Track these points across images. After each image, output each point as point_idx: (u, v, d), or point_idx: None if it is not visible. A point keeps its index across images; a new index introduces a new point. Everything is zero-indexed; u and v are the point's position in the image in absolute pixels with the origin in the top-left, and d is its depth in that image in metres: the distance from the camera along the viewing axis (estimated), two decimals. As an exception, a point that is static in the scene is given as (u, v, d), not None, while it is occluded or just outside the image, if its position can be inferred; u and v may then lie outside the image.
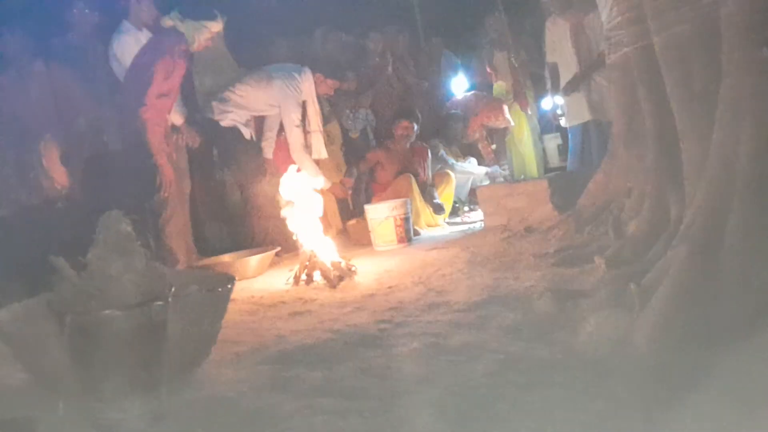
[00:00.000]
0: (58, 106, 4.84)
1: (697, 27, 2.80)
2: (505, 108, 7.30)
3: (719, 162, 2.58)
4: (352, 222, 6.03)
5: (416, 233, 5.85)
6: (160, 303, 2.31)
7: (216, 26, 4.87)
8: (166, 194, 4.80)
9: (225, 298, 2.91)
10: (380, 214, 5.51)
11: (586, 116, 5.86)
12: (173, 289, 2.42)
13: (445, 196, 6.63)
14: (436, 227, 6.26)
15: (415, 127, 6.47)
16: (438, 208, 6.43)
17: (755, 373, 2.03)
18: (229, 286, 2.92)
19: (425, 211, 6.29)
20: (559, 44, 6.01)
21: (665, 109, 3.11)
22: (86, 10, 5.29)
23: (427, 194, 6.39)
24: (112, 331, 2.25)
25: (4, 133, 4.63)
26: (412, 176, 6.29)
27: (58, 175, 4.56)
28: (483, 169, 7.19)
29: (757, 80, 2.50)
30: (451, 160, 7.00)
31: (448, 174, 6.71)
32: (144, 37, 5.03)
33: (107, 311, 2.25)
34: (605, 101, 5.47)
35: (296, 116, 5.41)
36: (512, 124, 7.39)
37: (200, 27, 4.79)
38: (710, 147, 2.66)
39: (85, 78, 5.00)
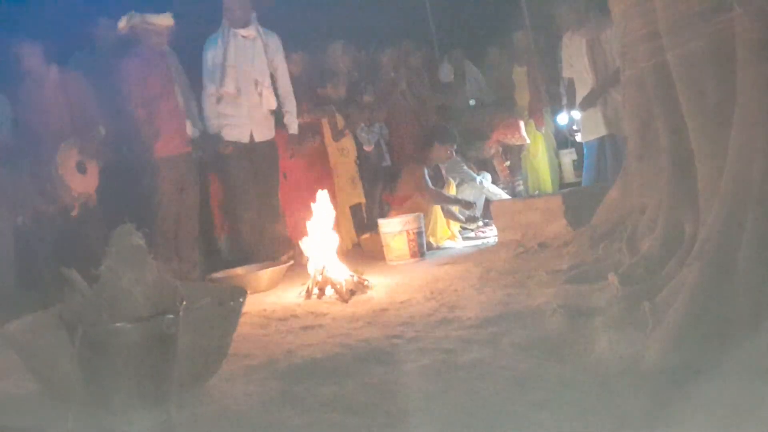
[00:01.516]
0: (74, 116, 4.90)
1: (712, 43, 2.79)
2: (522, 125, 7.30)
3: (733, 179, 2.56)
4: (366, 236, 6.04)
5: (435, 247, 5.85)
6: (171, 316, 2.31)
7: (162, 20, 5.02)
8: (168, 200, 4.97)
9: (236, 311, 2.91)
10: (393, 228, 5.51)
11: (602, 131, 5.83)
12: (184, 302, 2.42)
13: None
14: (451, 240, 6.23)
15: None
16: (471, 219, 6.51)
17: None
18: (241, 299, 2.92)
19: (442, 225, 6.28)
20: (575, 59, 5.99)
21: (680, 125, 3.09)
22: (108, 24, 5.38)
23: (447, 211, 6.37)
24: (123, 344, 2.25)
25: (22, 143, 4.69)
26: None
27: (75, 184, 4.59)
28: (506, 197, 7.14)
29: (772, 97, 2.49)
30: (476, 176, 6.97)
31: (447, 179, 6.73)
32: None
33: (118, 324, 2.26)
34: (621, 117, 5.44)
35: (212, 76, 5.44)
36: (528, 141, 7.38)
37: (138, 17, 4.95)
38: (725, 164, 2.64)
39: (103, 89, 5.06)
